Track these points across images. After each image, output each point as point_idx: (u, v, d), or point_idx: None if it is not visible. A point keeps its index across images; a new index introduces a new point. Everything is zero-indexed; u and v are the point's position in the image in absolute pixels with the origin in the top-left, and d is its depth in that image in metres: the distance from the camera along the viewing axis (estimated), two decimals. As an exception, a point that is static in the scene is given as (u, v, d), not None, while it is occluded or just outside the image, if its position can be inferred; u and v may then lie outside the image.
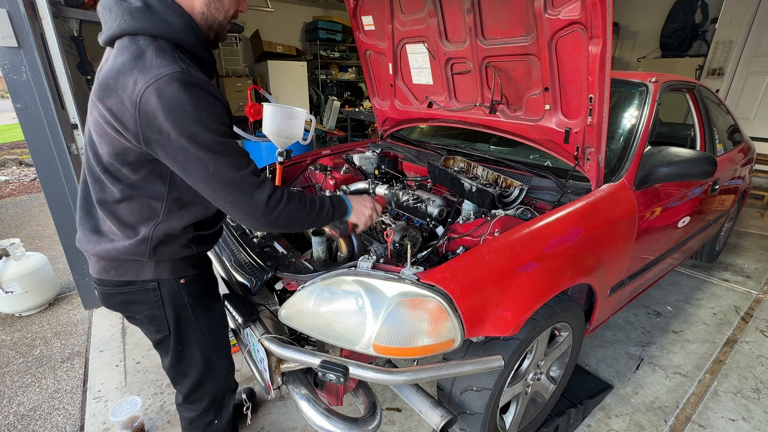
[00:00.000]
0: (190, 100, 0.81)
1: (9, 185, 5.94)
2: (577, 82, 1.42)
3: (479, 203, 1.55)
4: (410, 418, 1.79)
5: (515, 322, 1.15)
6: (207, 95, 0.84)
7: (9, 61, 2.04)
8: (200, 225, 1.04)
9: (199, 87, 0.83)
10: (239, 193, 0.89)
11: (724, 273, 3.17)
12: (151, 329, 1.09)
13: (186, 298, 1.07)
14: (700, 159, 1.56)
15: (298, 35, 7.49)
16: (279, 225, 0.97)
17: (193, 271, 1.08)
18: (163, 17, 0.85)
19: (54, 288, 2.72)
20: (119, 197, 0.93)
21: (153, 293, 1.02)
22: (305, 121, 1.76)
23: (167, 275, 1.02)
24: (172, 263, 1.02)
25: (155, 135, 0.82)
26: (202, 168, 0.85)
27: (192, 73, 0.83)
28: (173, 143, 0.82)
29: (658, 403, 1.90)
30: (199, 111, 0.82)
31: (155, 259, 0.99)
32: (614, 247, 1.57)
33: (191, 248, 1.03)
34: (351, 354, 1.20)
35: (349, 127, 6.80)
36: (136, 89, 0.79)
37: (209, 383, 1.20)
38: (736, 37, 5.01)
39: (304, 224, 1.04)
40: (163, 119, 0.80)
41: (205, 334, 1.13)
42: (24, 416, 1.85)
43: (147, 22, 0.84)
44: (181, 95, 0.80)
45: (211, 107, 0.84)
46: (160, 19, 0.85)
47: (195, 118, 0.81)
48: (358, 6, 2.09)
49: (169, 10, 0.86)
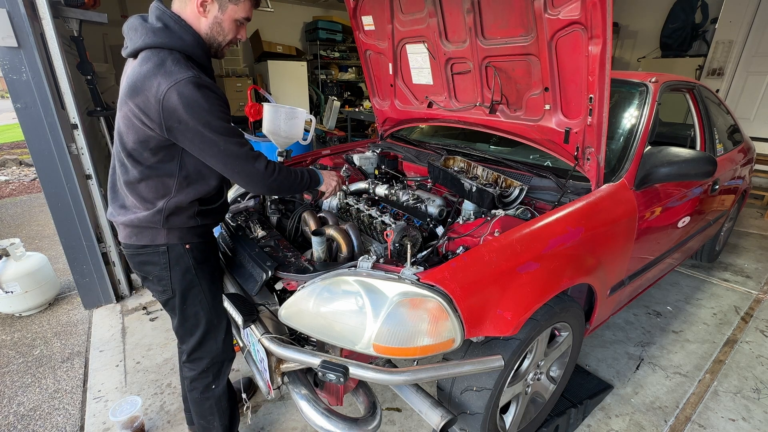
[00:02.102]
0: (203, 98, 1.04)
1: (9, 185, 5.94)
2: (577, 82, 1.42)
3: (479, 203, 1.55)
4: (410, 418, 1.79)
5: (515, 322, 1.15)
6: (213, 94, 1.08)
7: (9, 61, 2.04)
8: (204, 201, 1.25)
9: (208, 88, 1.06)
10: (244, 164, 1.14)
11: (724, 273, 3.17)
12: (159, 289, 1.29)
13: (190, 261, 1.26)
14: (700, 159, 1.56)
15: (298, 35, 7.49)
16: (275, 189, 1.25)
17: (197, 239, 1.28)
18: (178, 35, 1.10)
19: (54, 288, 2.72)
20: (139, 177, 1.15)
21: (163, 255, 1.23)
22: (305, 121, 1.77)
23: (176, 241, 1.23)
24: (180, 231, 1.23)
25: (176, 124, 1.05)
26: (215, 147, 1.09)
27: (202, 78, 1.06)
28: (191, 130, 1.05)
29: (658, 403, 1.90)
30: (210, 105, 1.05)
31: (167, 227, 1.20)
32: (614, 247, 1.57)
33: (196, 219, 1.24)
34: (351, 354, 1.20)
35: (349, 127, 6.80)
36: (160, 89, 1.01)
37: (209, 342, 1.36)
38: (736, 37, 5.01)
39: (292, 189, 1.33)
40: (183, 112, 1.03)
41: (206, 295, 1.31)
42: (24, 416, 1.85)
43: (166, 39, 1.08)
44: (195, 94, 1.03)
45: (217, 102, 1.08)
46: (177, 37, 1.10)
47: (207, 110, 1.05)
48: (358, 6, 2.09)
49: (183, 30, 1.11)
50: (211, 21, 1.14)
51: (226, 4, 1.13)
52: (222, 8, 1.13)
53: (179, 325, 1.34)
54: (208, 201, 1.28)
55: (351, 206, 1.80)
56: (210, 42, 1.17)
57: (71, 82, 2.23)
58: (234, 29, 1.19)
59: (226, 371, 1.45)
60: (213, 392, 1.42)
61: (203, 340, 1.35)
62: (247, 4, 1.17)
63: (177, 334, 1.40)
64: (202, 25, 1.14)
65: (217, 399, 1.43)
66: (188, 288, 1.28)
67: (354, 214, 1.77)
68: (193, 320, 1.32)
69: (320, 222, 1.59)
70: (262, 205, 1.87)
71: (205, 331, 1.34)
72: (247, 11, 1.18)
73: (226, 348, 1.41)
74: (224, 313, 1.39)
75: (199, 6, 1.11)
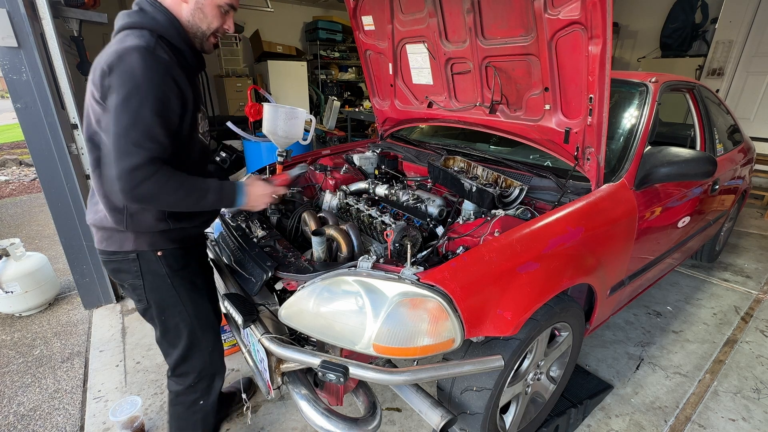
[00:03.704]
0: (143, 69, 0.93)
1: (9, 185, 5.94)
2: (577, 82, 1.42)
3: (479, 203, 1.55)
4: (410, 418, 1.79)
5: (515, 322, 1.15)
6: (164, 75, 0.96)
7: (9, 61, 2.04)
8: None
9: (159, 63, 0.95)
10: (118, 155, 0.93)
11: (724, 273, 3.17)
12: (135, 298, 1.22)
13: (164, 269, 1.17)
14: (700, 159, 1.56)
15: (298, 35, 7.49)
16: (138, 199, 0.97)
17: (171, 245, 1.17)
18: (151, 15, 1.04)
19: (54, 288, 2.72)
20: (95, 164, 1.07)
21: (133, 263, 1.14)
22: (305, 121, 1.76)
23: (145, 247, 1.14)
24: (149, 236, 1.13)
25: (106, 89, 0.95)
26: (114, 124, 0.93)
27: (158, 53, 0.96)
28: (113, 97, 0.93)
29: (658, 403, 1.90)
30: (146, 80, 0.93)
31: (134, 230, 1.11)
32: (614, 247, 1.57)
33: (167, 223, 1.13)
34: (351, 354, 1.20)
35: (349, 127, 6.80)
36: (109, 57, 0.95)
37: (195, 357, 1.27)
38: (736, 37, 5.01)
39: (174, 207, 1.06)
40: (115, 76, 0.93)
41: (186, 306, 1.22)
42: (24, 416, 1.85)
43: (138, 18, 1.03)
44: (137, 62, 0.93)
45: (160, 84, 0.95)
46: (149, 17, 1.04)
47: (138, 84, 0.93)
48: (358, 6, 2.09)
49: (156, 10, 1.05)
50: (192, 6, 1.07)
51: None
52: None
53: (160, 336, 1.26)
54: None
55: (351, 206, 1.80)
56: (193, 30, 1.10)
57: (71, 82, 2.22)
58: (218, 16, 1.11)
59: (217, 386, 1.36)
60: (200, 407, 1.33)
61: (187, 354, 1.26)
62: None
63: (159, 347, 1.30)
64: (184, 11, 1.08)
65: (204, 415, 1.35)
66: (164, 298, 1.19)
67: (354, 214, 1.77)
68: (173, 332, 1.24)
69: (320, 222, 1.59)
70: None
71: (189, 344, 1.25)
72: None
73: (215, 361, 1.32)
74: (211, 324, 1.30)
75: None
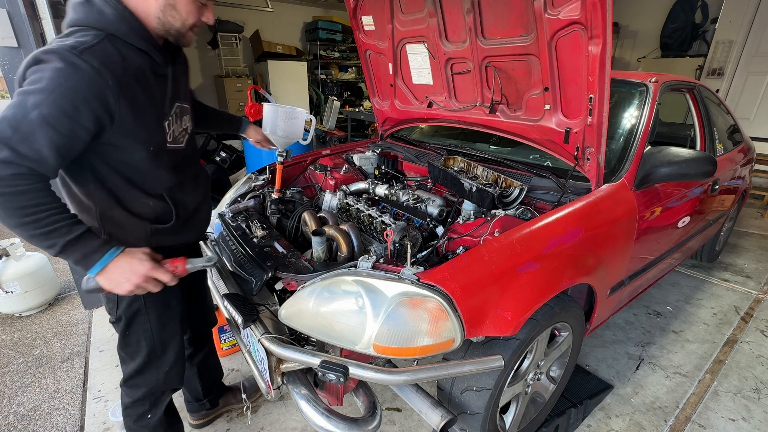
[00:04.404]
0: (57, 74, 0.80)
1: (9, 185, 5.94)
2: (577, 82, 1.42)
3: (479, 203, 1.55)
4: (410, 418, 1.79)
5: (515, 322, 1.15)
6: (83, 88, 0.81)
7: (9, 61, 2.04)
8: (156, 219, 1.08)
9: (80, 73, 0.81)
10: None
11: (724, 273, 3.17)
12: (107, 308, 1.17)
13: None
14: (700, 159, 1.56)
15: (298, 35, 7.48)
16: None
17: None
18: (97, 9, 0.88)
19: (54, 288, 2.72)
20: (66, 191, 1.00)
21: None
22: (305, 121, 1.76)
23: None
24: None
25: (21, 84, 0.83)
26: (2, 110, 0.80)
27: (80, 54, 0.81)
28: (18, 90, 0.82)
29: (658, 403, 1.90)
30: (55, 86, 0.79)
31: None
32: (614, 247, 1.57)
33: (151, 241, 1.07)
34: (351, 354, 1.20)
35: (349, 127, 6.79)
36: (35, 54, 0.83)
37: (149, 373, 1.24)
38: (736, 37, 5.01)
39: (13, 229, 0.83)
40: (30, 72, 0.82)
41: (153, 326, 1.18)
42: (24, 416, 1.85)
43: (83, 14, 0.88)
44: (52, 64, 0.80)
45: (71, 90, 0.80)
46: (95, 11, 0.88)
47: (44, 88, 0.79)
48: (358, 6, 2.09)
49: (105, 3, 0.89)
50: (161, 4, 0.93)
51: None
52: None
53: (120, 347, 1.22)
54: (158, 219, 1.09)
55: (351, 206, 1.80)
56: (165, 27, 0.97)
57: (71, 82, 2.22)
58: (194, 11, 0.98)
59: (165, 400, 1.33)
60: (148, 422, 1.30)
61: (143, 369, 1.23)
62: None
63: (118, 353, 1.26)
64: (151, 7, 0.93)
65: (152, 429, 1.32)
66: (133, 315, 1.15)
67: (354, 214, 1.77)
68: (134, 347, 1.21)
69: (320, 222, 1.59)
70: (262, 205, 1.87)
71: (146, 362, 1.22)
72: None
73: (169, 380, 1.29)
74: (175, 345, 1.27)
75: None
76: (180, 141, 1.11)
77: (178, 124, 1.09)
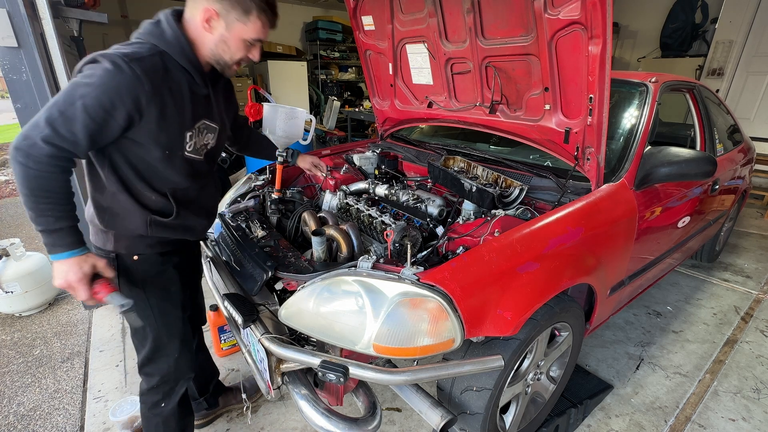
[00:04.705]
0: (104, 72, 0.94)
1: (9, 185, 5.94)
2: (577, 82, 1.42)
3: (479, 203, 1.55)
4: (410, 418, 1.79)
5: (515, 322, 1.15)
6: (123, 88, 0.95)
7: (9, 61, 2.04)
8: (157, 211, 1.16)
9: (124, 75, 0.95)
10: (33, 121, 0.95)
11: (724, 273, 3.17)
12: None
13: (138, 274, 1.20)
14: (700, 159, 1.56)
15: (298, 35, 7.49)
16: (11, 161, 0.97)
17: (148, 250, 1.20)
18: (162, 29, 1.05)
19: (54, 288, 2.72)
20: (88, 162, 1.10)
21: (112, 263, 1.16)
22: (305, 121, 1.77)
23: (122, 250, 1.17)
24: (128, 240, 1.16)
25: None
26: (54, 96, 0.96)
27: (130, 62, 0.96)
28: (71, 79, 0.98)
29: (658, 403, 1.90)
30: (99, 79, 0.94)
31: (114, 230, 1.14)
32: (614, 247, 1.57)
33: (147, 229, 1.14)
34: (351, 354, 1.20)
35: (349, 127, 6.80)
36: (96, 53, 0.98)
37: (160, 361, 1.30)
38: (736, 37, 5.01)
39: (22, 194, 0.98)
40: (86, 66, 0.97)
41: (154, 311, 1.24)
42: (24, 416, 1.85)
43: (149, 30, 1.05)
44: (103, 65, 0.94)
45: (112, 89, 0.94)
46: (160, 31, 1.05)
47: (90, 79, 0.94)
48: (358, 6, 2.09)
49: (169, 26, 1.05)
50: (216, 38, 1.07)
51: (233, 23, 1.05)
52: (229, 27, 1.06)
53: (131, 334, 1.30)
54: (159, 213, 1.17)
55: (351, 206, 1.80)
56: (215, 58, 1.11)
57: (71, 82, 2.22)
58: (243, 49, 1.10)
59: (179, 391, 1.37)
60: (161, 410, 1.34)
61: (152, 357, 1.29)
62: (257, 24, 1.07)
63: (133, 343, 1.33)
64: (207, 40, 1.07)
65: (164, 419, 1.36)
66: (135, 301, 1.18)
67: (354, 214, 1.77)
68: (141, 334, 1.26)
69: (320, 222, 1.59)
70: (262, 205, 1.87)
71: (153, 349, 1.27)
72: (257, 32, 1.08)
73: (180, 368, 1.33)
74: (179, 332, 1.31)
75: (203, 22, 1.04)
76: (199, 153, 1.21)
77: (200, 138, 1.19)
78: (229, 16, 1.04)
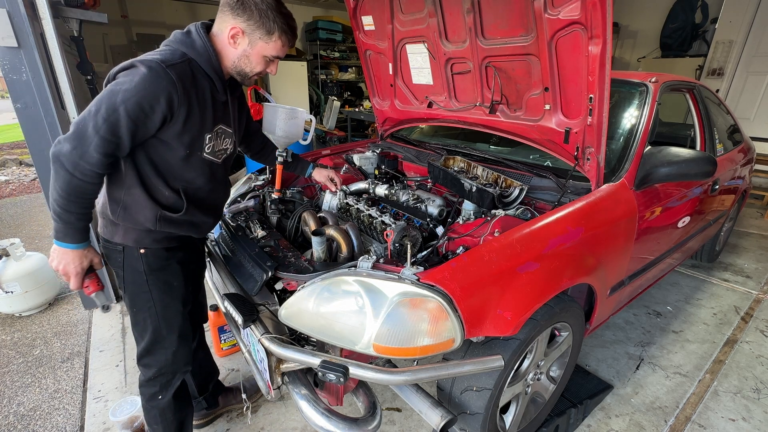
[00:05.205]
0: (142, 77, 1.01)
1: (9, 185, 5.94)
2: (577, 82, 1.42)
3: (479, 203, 1.55)
4: (410, 418, 1.80)
5: (515, 322, 1.15)
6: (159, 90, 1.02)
7: (9, 61, 2.04)
8: (167, 207, 1.21)
9: (160, 78, 1.02)
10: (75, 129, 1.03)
11: (724, 273, 3.17)
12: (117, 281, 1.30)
13: (143, 266, 1.24)
14: (700, 159, 1.56)
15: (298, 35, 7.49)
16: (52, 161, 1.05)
17: (155, 245, 1.24)
18: (192, 39, 1.13)
19: (54, 288, 2.72)
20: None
21: (119, 255, 1.23)
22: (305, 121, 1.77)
23: (130, 243, 1.21)
24: (137, 233, 1.21)
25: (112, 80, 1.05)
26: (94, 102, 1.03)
27: (165, 67, 1.03)
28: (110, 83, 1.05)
29: (658, 403, 1.90)
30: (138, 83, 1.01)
31: (123, 223, 1.19)
32: (614, 247, 1.57)
33: (156, 224, 1.19)
34: (351, 354, 1.20)
35: (349, 127, 6.79)
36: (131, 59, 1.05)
37: (158, 352, 1.33)
38: (736, 37, 5.01)
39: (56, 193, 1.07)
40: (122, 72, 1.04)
41: (156, 305, 1.28)
42: (24, 416, 1.85)
43: (180, 39, 1.13)
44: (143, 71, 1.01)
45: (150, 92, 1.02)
46: (190, 40, 1.13)
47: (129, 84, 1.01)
48: (358, 6, 2.09)
49: (199, 37, 1.14)
50: (239, 53, 1.16)
51: (256, 41, 1.14)
52: (252, 44, 1.15)
53: (132, 325, 1.33)
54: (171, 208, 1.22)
55: (351, 206, 1.80)
56: (237, 69, 1.20)
57: (71, 82, 2.22)
58: (262, 64, 1.20)
59: (175, 384, 1.40)
60: (158, 402, 1.38)
61: (151, 349, 1.32)
62: (278, 43, 1.16)
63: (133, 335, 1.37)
64: (231, 53, 1.16)
65: (161, 410, 1.39)
66: (137, 293, 1.26)
67: (354, 214, 1.77)
68: (141, 325, 1.30)
69: (320, 222, 1.59)
70: (262, 205, 1.87)
71: (152, 341, 1.31)
72: (277, 51, 1.18)
73: (177, 361, 1.36)
74: (178, 326, 1.34)
75: (229, 38, 1.13)
76: (218, 156, 1.28)
77: (218, 141, 1.26)
78: (253, 35, 1.13)
